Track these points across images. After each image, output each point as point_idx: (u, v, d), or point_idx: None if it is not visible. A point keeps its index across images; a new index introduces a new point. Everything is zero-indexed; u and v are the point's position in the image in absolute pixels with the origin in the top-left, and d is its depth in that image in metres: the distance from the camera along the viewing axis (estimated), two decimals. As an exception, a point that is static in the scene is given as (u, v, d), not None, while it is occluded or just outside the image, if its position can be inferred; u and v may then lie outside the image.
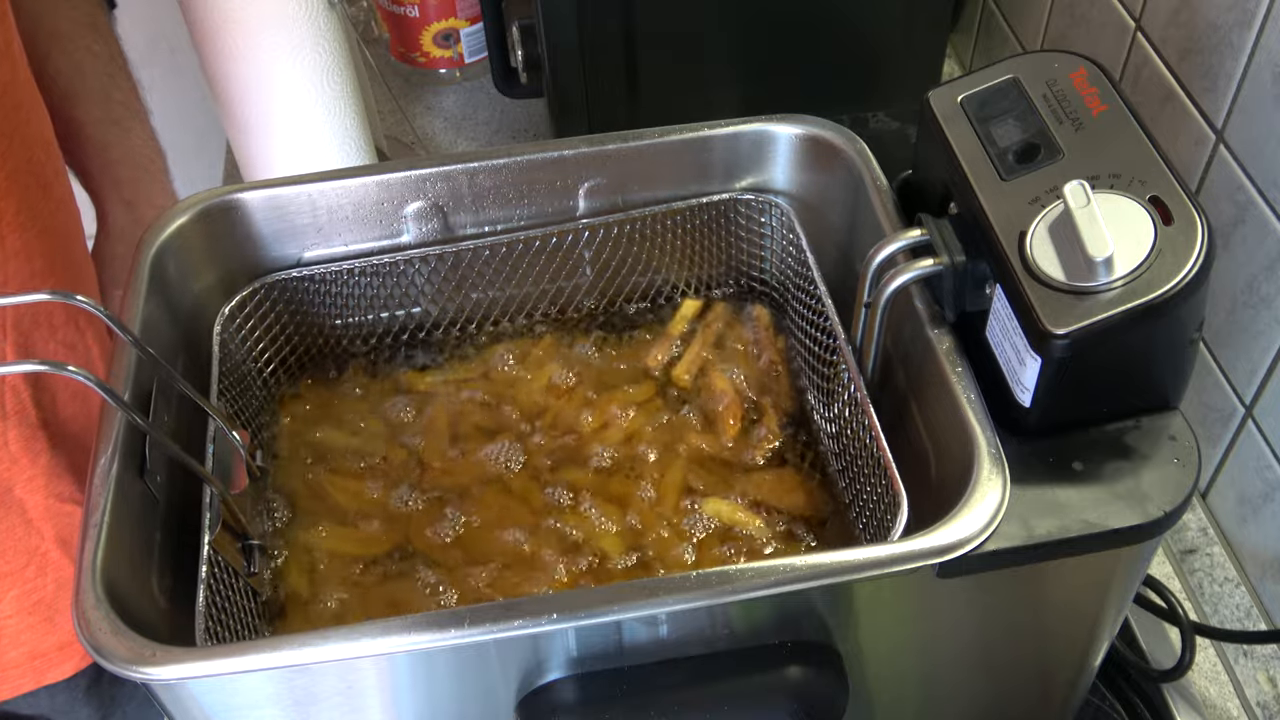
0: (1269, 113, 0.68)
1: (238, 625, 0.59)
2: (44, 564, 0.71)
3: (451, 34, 1.17)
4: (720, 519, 0.65)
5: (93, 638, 0.48)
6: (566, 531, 0.65)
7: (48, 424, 0.69)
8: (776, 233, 0.73)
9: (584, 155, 0.69)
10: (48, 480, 0.69)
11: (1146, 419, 0.55)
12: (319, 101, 0.89)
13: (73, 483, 0.71)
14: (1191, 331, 0.52)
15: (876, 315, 0.59)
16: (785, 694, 0.54)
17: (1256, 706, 0.75)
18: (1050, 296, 0.50)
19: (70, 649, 0.75)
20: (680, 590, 0.49)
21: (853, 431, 0.62)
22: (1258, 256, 0.70)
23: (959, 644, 0.61)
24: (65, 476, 0.70)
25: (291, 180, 0.68)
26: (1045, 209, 0.53)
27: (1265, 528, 0.74)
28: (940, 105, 0.59)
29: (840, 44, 0.98)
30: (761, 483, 0.67)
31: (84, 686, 0.78)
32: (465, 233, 0.71)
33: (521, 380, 0.73)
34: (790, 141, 0.70)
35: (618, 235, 0.73)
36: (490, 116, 1.19)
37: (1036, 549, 0.51)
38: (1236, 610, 0.77)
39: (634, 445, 0.70)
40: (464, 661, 0.52)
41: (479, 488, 0.68)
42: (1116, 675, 0.76)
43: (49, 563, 0.71)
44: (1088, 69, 0.58)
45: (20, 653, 0.73)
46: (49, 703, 0.77)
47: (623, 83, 0.96)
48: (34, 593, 0.71)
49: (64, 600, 0.72)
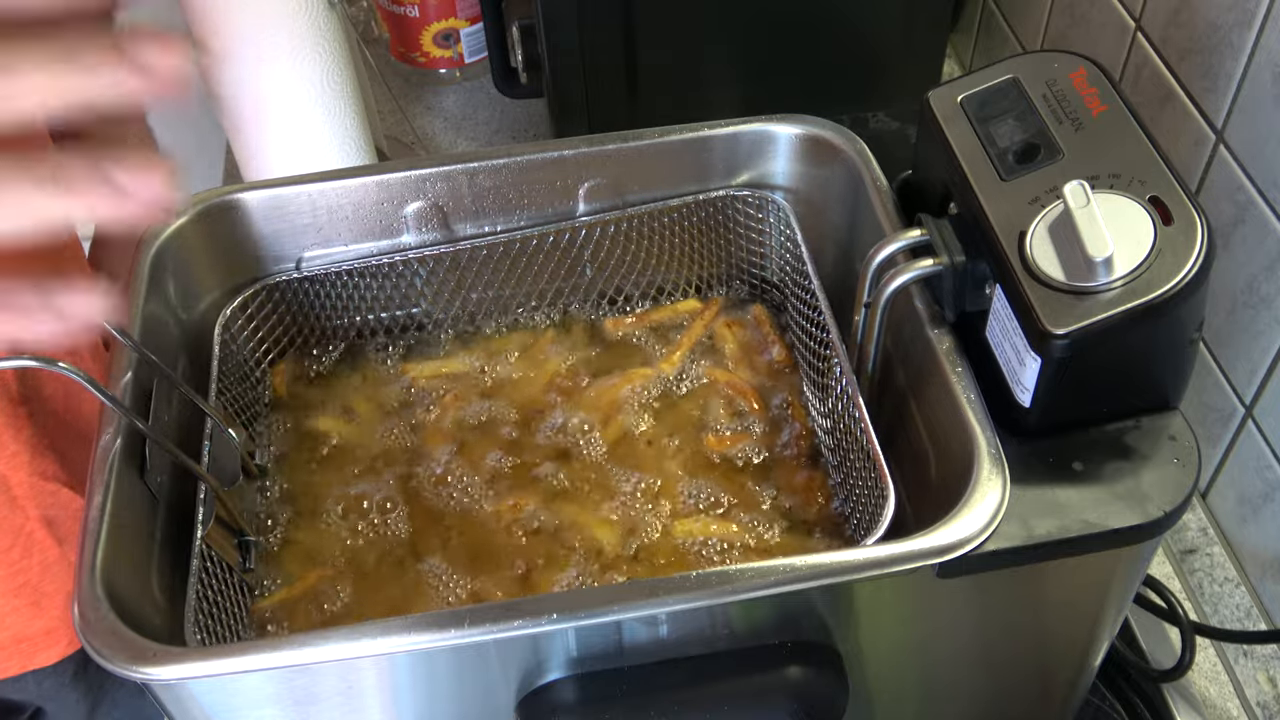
0: (1269, 113, 0.68)
1: (233, 622, 0.59)
2: (29, 545, 0.70)
3: (451, 34, 1.17)
4: (693, 537, 0.65)
5: (93, 638, 0.48)
6: (566, 529, 0.65)
7: (29, 400, 0.69)
8: (775, 230, 0.73)
9: (584, 155, 0.69)
10: (31, 458, 0.69)
11: (1146, 419, 0.55)
12: (319, 101, 0.89)
13: (56, 461, 0.71)
14: (1191, 331, 0.52)
15: (876, 315, 0.59)
16: (785, 694, 0.54)
17: (1256, 706, 0.75)
18: (1050, 296, 0.50)
19: (57, 634, 0.74)
20: (680, 590, 0.49)
21: (845, 426, 0.62)
22: (1258, 256, 0.70)
23: (959, 644, 0.61)
24: (48, 455, 0.70)
25: (291, 180, 0.68)
26: (1045, 209, 0.53)
27: (1265, 528, 0.74)
28: (940, 105, 0.59)
29: (840, 44, 0.98)
30: (759, 479, 0.67)
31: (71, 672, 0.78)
32: (465, 233, 0.71)
33: (521, 378, 0.73)
34: (790, 141, 0.70)
35: (615, 234, 0.73)
36: (490, 116, 1.19)
37: (1036, 549, 0.51)
38: (1236, 610, 0.77)
39: (633, 443, 0.70)
40: (464, 661, 0.52)
41: (479, 485, 0.68)
42: (1116, 675, 0.76)
43: (34, 543, 0.71)
44: (1088, 69, 0.58)
45: (5, 635, 0.72)
46: (36, 689, 0.77)
47: (623, 83, 0.96)
48: (20, 574, 0.71)
49: (49, 584, 0.72)
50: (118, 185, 0.31)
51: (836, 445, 0.65)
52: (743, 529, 0.65)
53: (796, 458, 0.69)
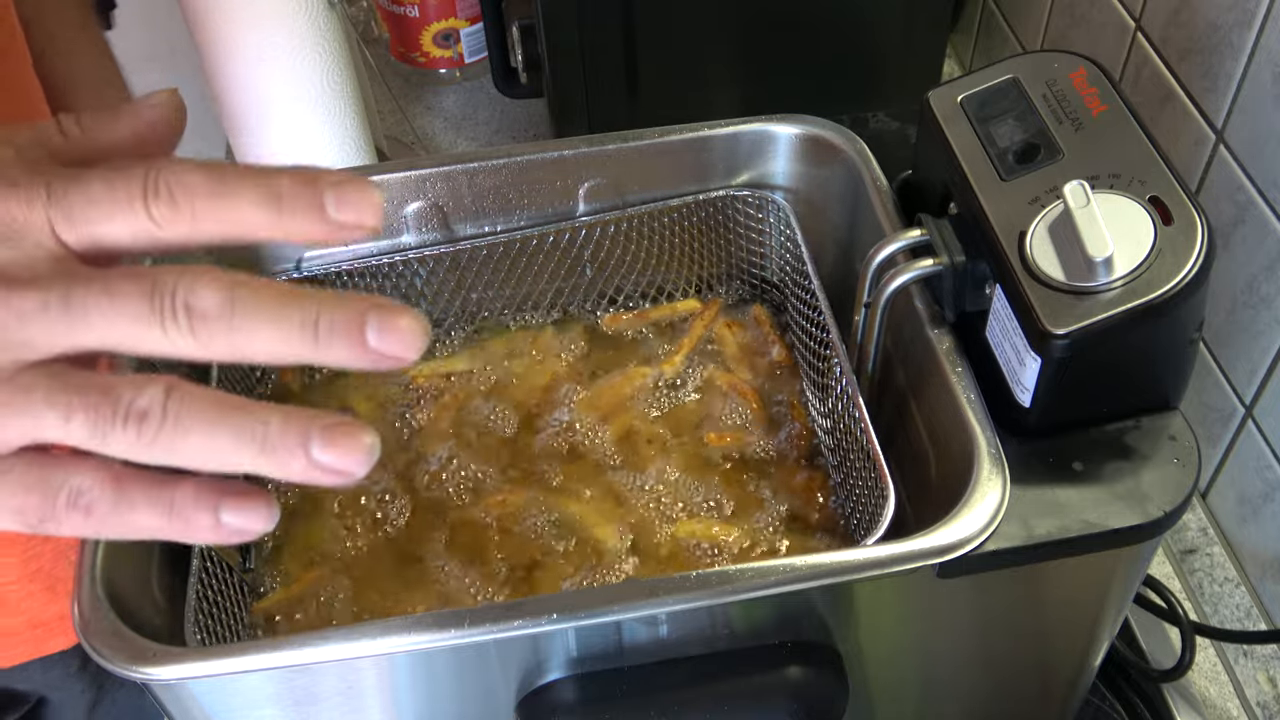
0: (1269, 113, 0.68)
1: (233, 622, 0.59)
2: None
3: (451, 34, 1.17)
4: (695, 538, 0.65)
5: (93, 638, 0.48)
6: (566, 528, 0.65)
7: None
8: (775, 229, 0.73)
9: (584, 155, 0.69)
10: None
11: (1146, 419, 0.55)
12: (319, 101, 0.89)
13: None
14: (1191, 331, 0.52)
15: (876, 315, 0.59)
16: (785, 694, 0.54)
17: (1256, 706, 0.75)
18: (1050, 296, 0.50)
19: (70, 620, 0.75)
20: (680, 590, 0.49)
21: (845, 426, 0.62)
22: (1258, 256, 0.70)
23: (959, 644, 0.61)
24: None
25: (291, 180, 0.68)
26: (1045, 209, 0.53)
27: (1265, 528, 0.74)
28: (940, 105, 0.59)
29: (840, 44, 0.98)
30: (759, 479, 0.67)
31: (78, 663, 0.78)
32: (465, 233, 0.71)
33: (521, 378, 0.73)
34: (790, 141, 0.70)
35: (615, 234, 0.73)
36: (490, 116, 1.19)
37: (1036, 549, 0.51)
38: (1236, 610, 0.77)
39: (633, 442, 0.70)
40: (464, 661, 0.52)
41: (479, 485, 0.68)
42: (1116, 675, 0.76)
43: None
44: (1088, 69, 0.58)
45: (20, 620, 0.73)
46: (42, 677, 0.77)
47: (623, 83, 0.96)
48: (35, 559, 0.71)
49: (62, 569, 0.72)
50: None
51: (836, 445, 0.65)
52: (745, 531, 0.65)
53: (796, 458, 0.69)
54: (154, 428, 0.31)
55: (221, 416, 0.31)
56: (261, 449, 0.31)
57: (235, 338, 0.31)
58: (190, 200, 0.31)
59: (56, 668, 0.77)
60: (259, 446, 0.31)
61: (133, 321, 0.31)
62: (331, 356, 0.31)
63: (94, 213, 0.31)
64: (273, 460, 0.31)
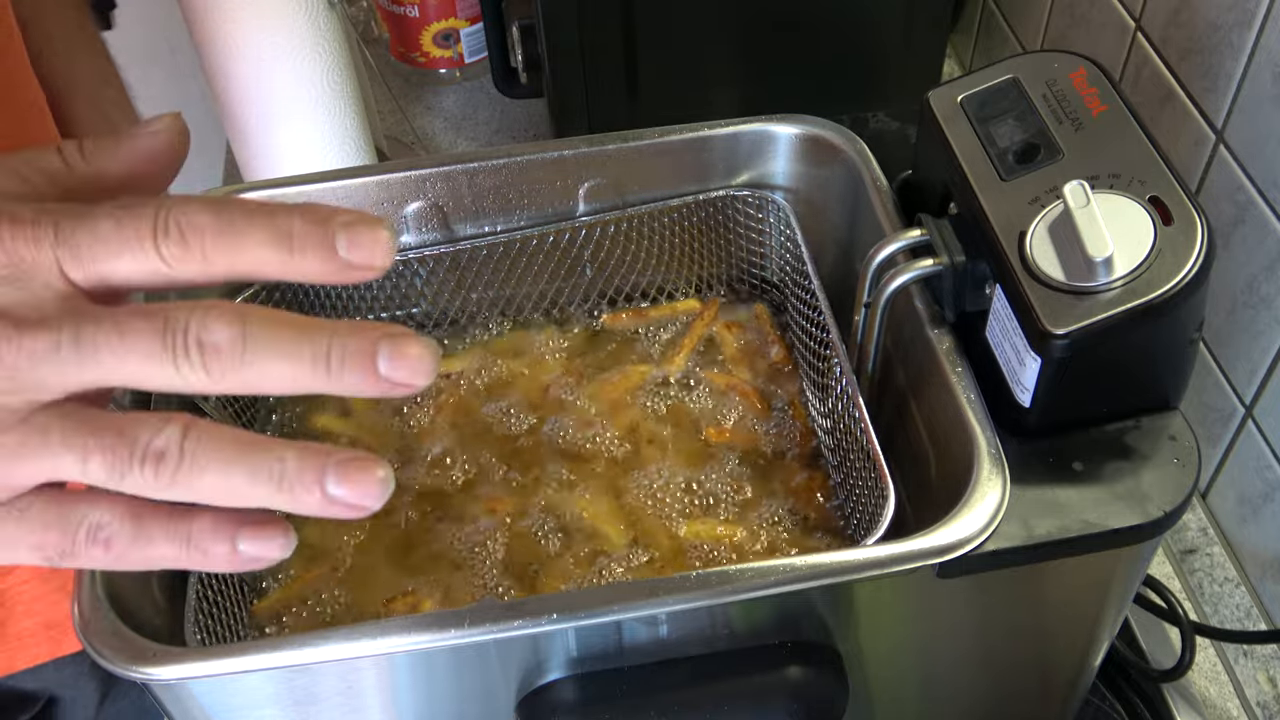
0: (1269, 113, 0.68)
1: (233, 622, 0.59)
2: None
3: (451, 34, 1.17)
4: (699, 538, 0.65)
5: (93, 638, 0.48)
6: (566, 527, 0.65)
7: None
8: (775, 229, 0.73)
9: (584, 155, 0.69)
10: None
11: (1146, 419, 0.55)
12: (319, 101, 0.89)
13: None
14: (1191, 331, 0.52)
15: (876, 315, 0.59)
16: (785, 694, 0.54)
17: (1256, 706, 0.75)
18: (1050, 296, 0.50)
19: None
20: (680, 590, 0.49)
21: (845, 426, 0.62)
22: (1258, 256, 0.70)
23: (959, 644, 0.61)
24: None
25: (291, 180, 0.68)
26: (1045, 209, 0.53)
27: (1265, 528, 0.74)
28: (940, 105, 0.59)
29: (840, 44, 0.98)
30: (759, 479, 0.67)
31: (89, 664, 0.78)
32: (465, 233, 0.71)
33: (521, 377, 0.73)
34: (790, 141, 0.70)
35: (615, 234, 0.73)
36: (490, 116, 1.19)
37: (1036, 549, 0.51)
38: (1236, 610, 0.77)
39: (633, 441, 0.70)
40: (464, 661, 0.52)
41: (478, 484, 0.68)
42: (1116, 675, 0.76)
43: None
44: (1088, 69, 0.58)
45: (35, 622, 0.73)
46: (55, 676, 0.77)
47: (623, 83, 0.96)
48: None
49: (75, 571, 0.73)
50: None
51: (836, 445, 0.65)
52: (745, 531, 0.65)
53: (796, 458, 0.69)
54: (171, 468, 0.31)
55: (238, 455, 0.31)
56: (278, 486, 0.32)
57: (248, 372, 0.31)
58: (200, 239, 0.32)
59: (69, 668, 0.77)
60: (275, 484, 0.32)
61: (145, 359, 0.31)
62: (344, 386, 0.32)
63: (102, 252, 0.31)
64: (289, 497, 0.32)
